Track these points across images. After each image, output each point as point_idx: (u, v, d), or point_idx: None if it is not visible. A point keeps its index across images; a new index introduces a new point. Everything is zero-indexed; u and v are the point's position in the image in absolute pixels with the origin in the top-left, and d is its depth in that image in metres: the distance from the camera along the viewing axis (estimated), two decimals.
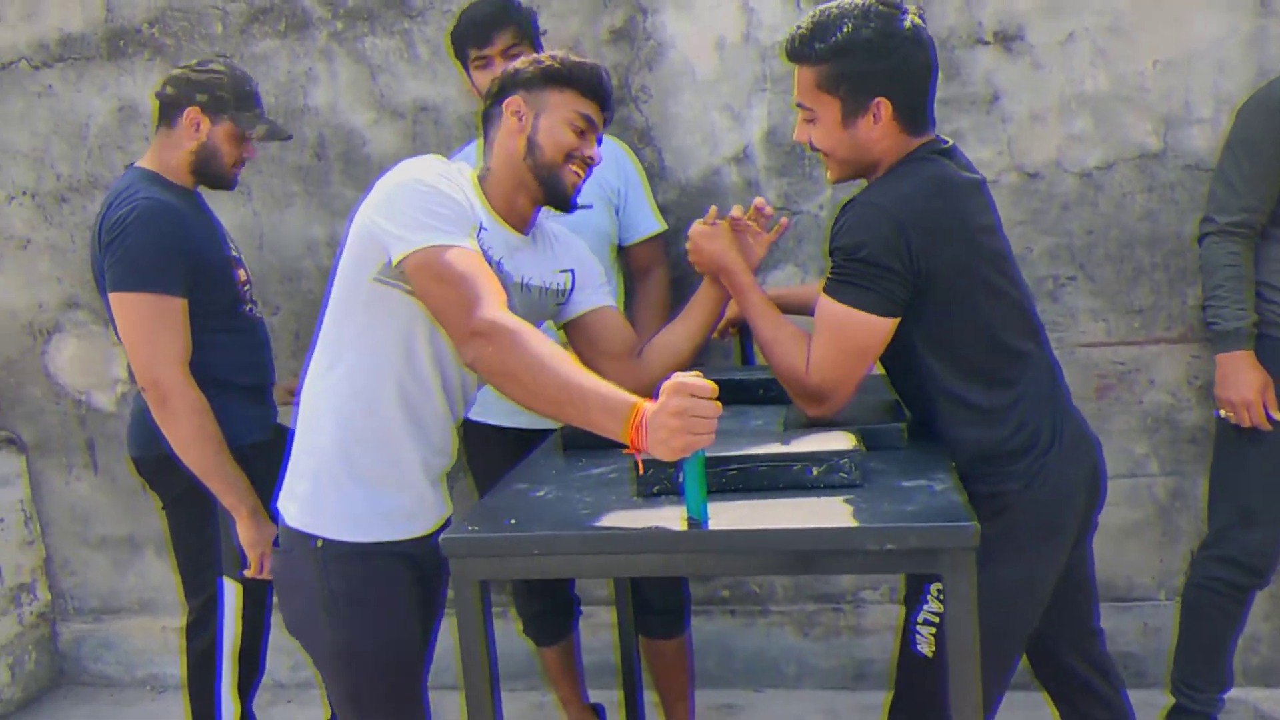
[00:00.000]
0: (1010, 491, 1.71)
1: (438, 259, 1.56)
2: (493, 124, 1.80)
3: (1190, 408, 2.77)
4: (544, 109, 1.75)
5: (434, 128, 2.98)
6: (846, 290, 1.67)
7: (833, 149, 1.75)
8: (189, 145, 2.28)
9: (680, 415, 1.35)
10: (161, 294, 2.13)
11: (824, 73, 1.70)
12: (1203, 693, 2.48)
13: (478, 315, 1.52)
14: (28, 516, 3.34)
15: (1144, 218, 2.71)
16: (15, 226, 3.25)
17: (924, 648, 1.71)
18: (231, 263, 2.31)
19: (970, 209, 1.72)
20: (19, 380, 3.32)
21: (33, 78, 3.16)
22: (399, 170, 1.67)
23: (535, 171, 1.75)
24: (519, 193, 1.78)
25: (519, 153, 1.75)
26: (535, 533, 1.45)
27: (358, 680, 1.72)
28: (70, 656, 3.44)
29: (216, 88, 2.27)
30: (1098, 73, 2.68)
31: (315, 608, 1.70)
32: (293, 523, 1.72)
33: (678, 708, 2.59)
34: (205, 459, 2.15)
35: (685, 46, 2.84)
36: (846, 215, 1.69)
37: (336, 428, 1.68)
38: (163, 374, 2.13)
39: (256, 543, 2.20)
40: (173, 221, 2.17)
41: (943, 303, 1.69)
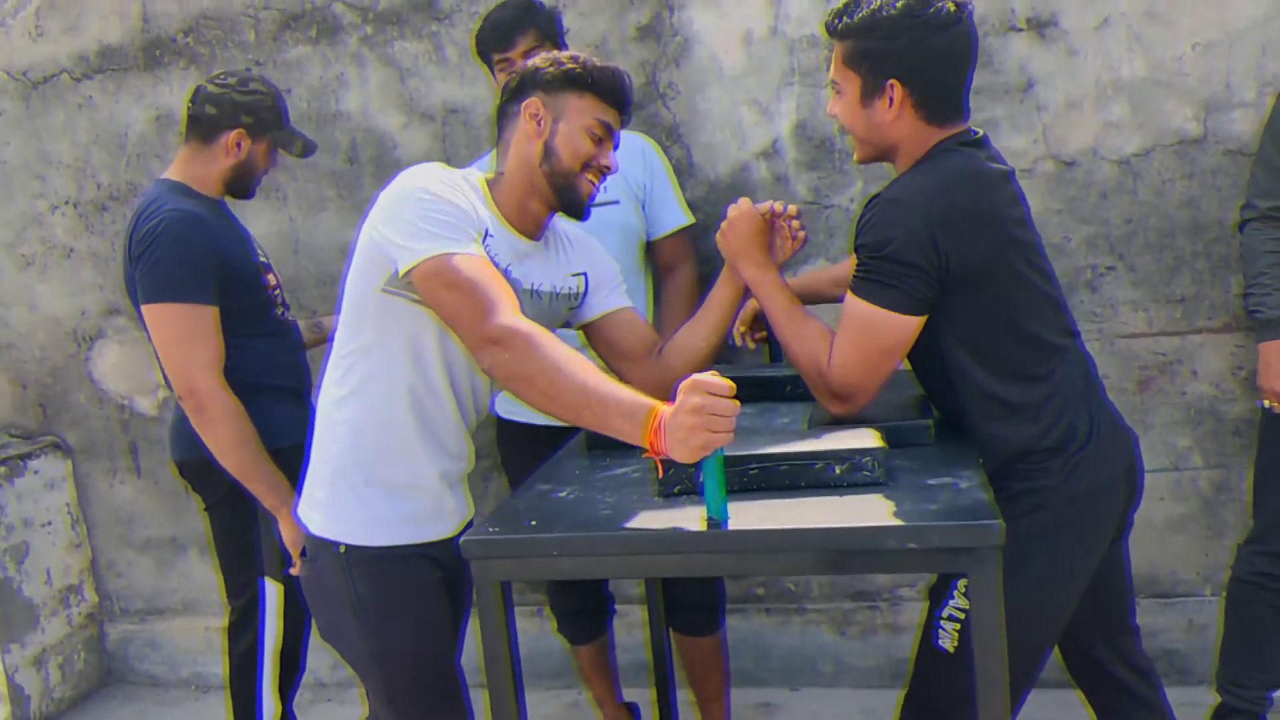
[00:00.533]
0: (1046, 488, 1.68)
1: (446, 267, 1.56)
2: (508, 124, 1.77)
3: (1235, 399, 2.70)
4: (563, 114, 1.72)
5: (463, 129, 2.99)
6: (872, 288, 1.65)
7: (852, 126, 1.74)
8: (227, 163, 2.33)
9: (697, 413, 1.34)
10: (192, 303, 2.17)
11: (849, 48, 1.69)
12: (1250, 690, 2.42)
13: (492, 322, 1.52)
14: (74, 520, 3.42)
15: (1184, 205, 2.65)
16: (58, 235, 3.32)
17: (946, 643, 1.68)
18: (260, 269, 2.34)
19: (1000, 201, 1.68)
20: (64, 386, 3.39)
21: (74, 90, 3.23)
22: (400, 180, 1.67)
23: (550, 179, 1.73)
24: (532, 198, 1.75)
25: (535, 158, 1.73)
26: (554, 534, 1.45)
27: (391, 681, 1.73)
28: (117, 656, 3.51)
29: (261, 110, 2.32)
30: (1134, 57, 2.62)
31: (344, 613, 1.72)
32: (315, 530, 1.73)
33: (713, 706, 2.58)
34: (244, 462, 2.18)
35: (712, 41, 2.82)
36: (872, 211, 1.66)
37: (351, 436, 1.69)
38: (197, 381, 2.16)
39: (297, 541, 2.22)
40: (200, 231, 2.21)
41: (972, 298, 1.66)
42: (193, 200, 2.29)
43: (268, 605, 2.34)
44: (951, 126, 1.72)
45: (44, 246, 3.33)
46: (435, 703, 1.75)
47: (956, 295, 1.65)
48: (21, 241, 3.34)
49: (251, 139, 2.32)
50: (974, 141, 1.73)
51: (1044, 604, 1.69)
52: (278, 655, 2.36)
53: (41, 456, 3.33)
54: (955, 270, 1.63)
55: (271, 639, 2.36)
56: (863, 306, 1.66)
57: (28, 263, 3.35)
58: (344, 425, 1.70)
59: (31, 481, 3.28)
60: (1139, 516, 2.73)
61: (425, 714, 1.75)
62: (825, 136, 2.80)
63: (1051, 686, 2.73)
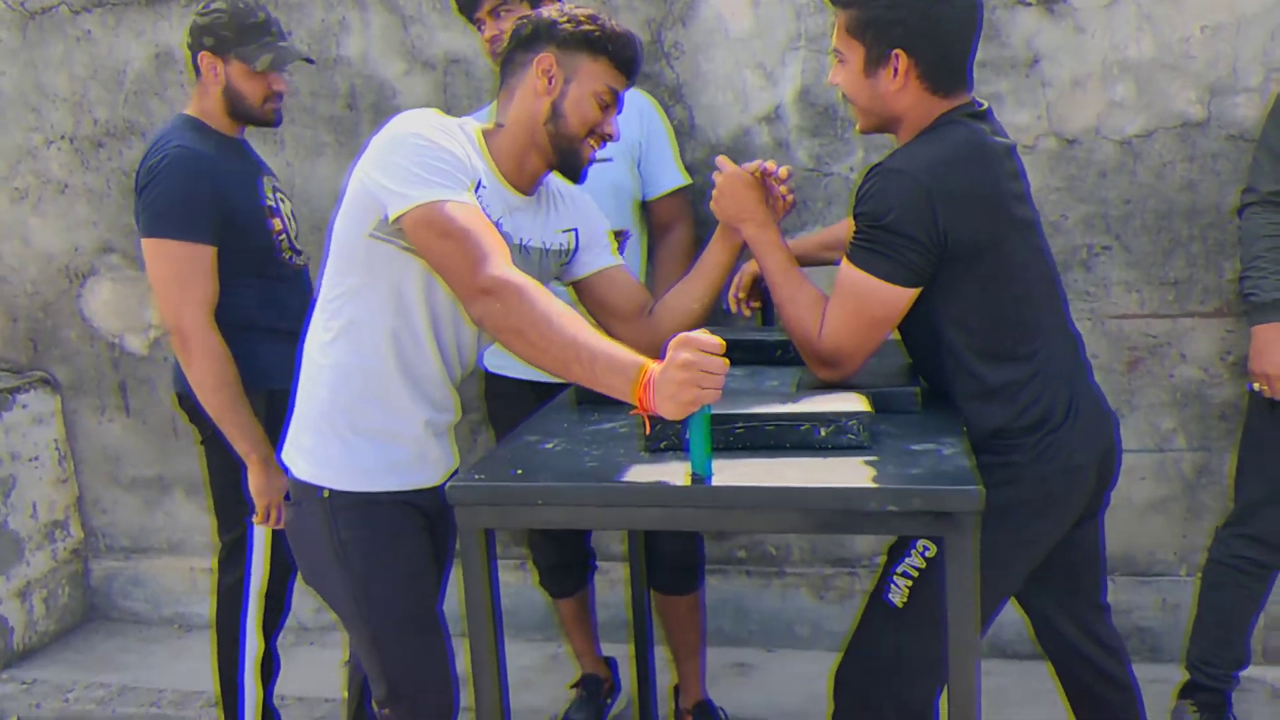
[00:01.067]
0: (1017, 464, 1.70)
1: (439, 214, 1.54)
2: (515, 73, 1.74)
3: (1222, 383, 2.72)
4: (575, 75, 1.70)
5: (465, 79, 2.97)
6: (868, 257, 1.65)
7: (855, 96, 1.73)
8: (214, 91, 2.30)
9: (686, 369, 1.35)
10: (187, 241, 2.16)
11: (852, 17, 1.68)
12: (1219, 669, 2.46)
13: (484, 272, 1.51)
14: (62, 455, 3.42)
15: (1184, 188, 2.65)
16: (53, 170, 3.29)
17: (896, 598, 1.70)
18: (266, 211, 2.32)
19: (1002, 177, 1.68)
20: (55, 322, 3.38)
21: (72, 22, 3.19)
22: (394, 124, 1.64)
23: (554, 139, 1.72)
24: (531, 153, 1.74)
25: (541, 115, 1.71)
26: (540, 483, 1.46)
27: (374, 626, 1.74)
28: (101, 592, 3.53)
29: (220, 28, 2.26)
30: (1142, 38, 2.61)
31: (327, 556, 1.73)
32: (300, 475, 1.74)
33: (688, 664, 2.61)
34: (220, 405, 2.19)
35: (719, 2, 2.80)
36: (872, 180, 1.66)
37: (336, 381, 1.69)
38: (185, 319, 2.17)
39: (264, 491, 2.24)
40: (201, 169, 2.19)
41: (967, 274, 1.66)
42: (203, 136, 2.27)
43: (255, 545, 2.36)
44: (956, 98, 1.71)
45: (38, 181, 3.31)
46: (416, 647, 1.77)
47: (951, 270, 1.65)
48: (15, 175, 3.32)
49: (221, 60, 2.27)
50: (978, 114, 1.72)
51: (996, 574, 1.70)
52: (263, 595, 2.38)
53: (30, 391, 3.33)
54: (952, 244, 1.63)
55: (258, 579, 2.38)
56: (857, 275, 1.66)
57: (21, 196, 3.33)
58: (329, 370, 1.70)
59: (20, 416, 3.28)
60: (1120, 495, 2.78)
61: (407, 658, 1.77)
62: (828, 103, 2.79)
63: (1025, 658, 2.78)
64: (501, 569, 3.01)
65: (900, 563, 1.71)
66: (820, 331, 1.70)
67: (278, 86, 2.32)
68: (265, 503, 2.26)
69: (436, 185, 1.57)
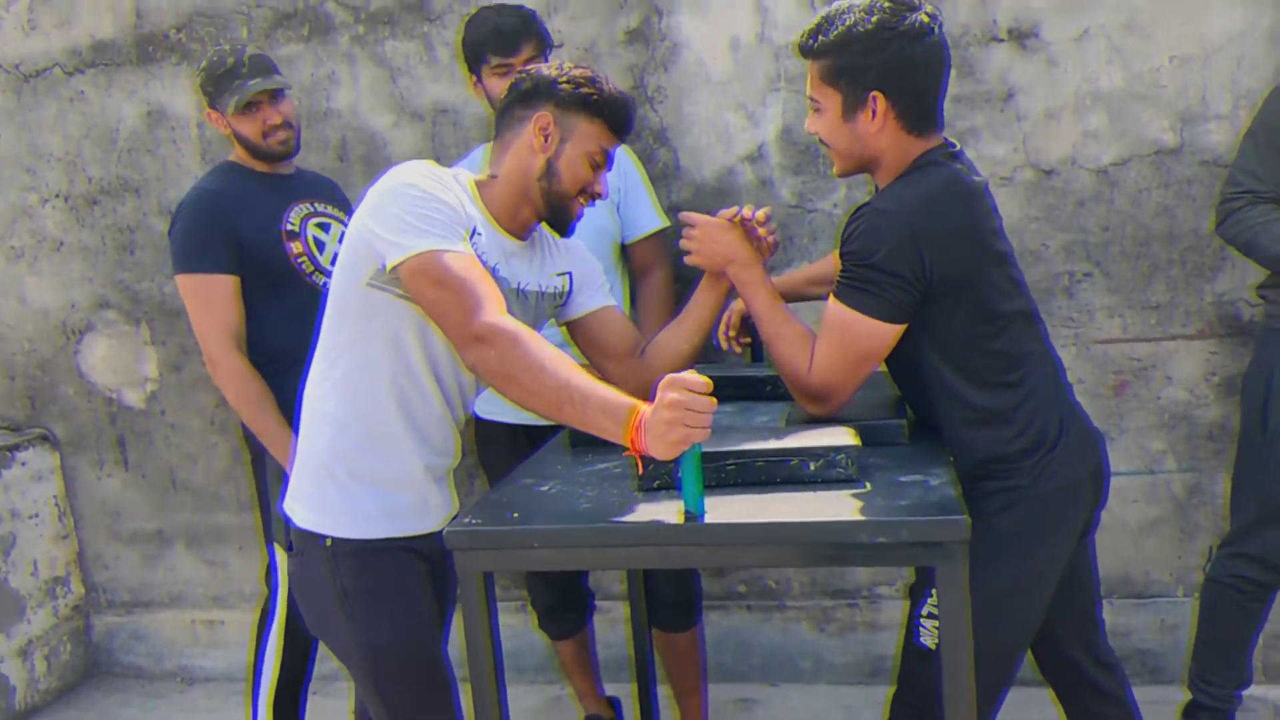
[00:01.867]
0: (1018, 487, 1.73)
1: (434, 264, 1.58)
2: (512, 127, 1.78)
3: (1208, 404, 2.75)
4: (571, 135, 1.74)
5: (453, 130, 3.02)
6: (855, 295, 1.69)
7: (834, 141, 1.78)
8: (228, 134, 2.47)
9: (675, 409, 1.38)
10: (203, 273, 2.34)
11: (826, 66, 1.73)
12: (1220, 689, 2.47)
13: (478, 319, 1.55)
14: (61, 512, 3.43)
15: (1160, 214, 2.70)
16: (49, 228, 3.33)
17: (928, 640, 1.73)
18: (285, 236, 2.42)
19: (980, 214, 1.73)
20: (52, 379, 3.41)
21: (66, 84, 3.25)
22: (390, 176, 1.68)
23: (546, 195, 1.76)
24: (523, 205, 1.78)
25: (536, 171, 1.75)
26: (536, 526, 1.49)
27: (378, 672, 1.75)
28: (103, 648, 3.52)
29: (205, 85, 2.45)
30: (1113, 70, 2.67)
31: (331, 605, 1.74)
32: (301, 523, 1.75)
33: (690, 701, 2.62)
34: (252, 420, 2.35)
35: (700, 47, 2.86)
36: (859, 221, 1.70)
37: (336, 431, 1.72)
38: (209, 345, 2.35)
39: None
40: (213, 206, 2.37)
41: (950, 308, 1.70)
42: (234, 177, 2.44)
43: (280, 572, 2.41)
44: (930, 137, 1.76)
45: (34, 239, 3.35)
46: (422, 693, 1.77)
47: (935, 305, 1.69)
48: (11, 234, 3.36)
49: (216, 110, 2.44)
50: (952, 154, 1.77)
51: (1016, 602, 1.74)
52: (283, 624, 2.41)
53: (29, 448, 3.35)
54: (936, 281, 1.67)
55: (281, 607, 2.42)
56: (845, 312, 1.70)
57: (17, 255, 3.37)
58: (328, 419, 1.73)
59: (19, 473, 3.30)
60: (1113, 518, 2.81)
61: (412, 704, 1.77)
62: (810, 142, 2.85)
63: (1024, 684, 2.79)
64: (502, 611, 3.01)
65: (923, 605, 1.75)
66: (809, 368, 1.73)
67: (270, 120, 2.42)
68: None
69: (432, 235, 1.60)
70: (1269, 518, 2.37)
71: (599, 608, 2.86)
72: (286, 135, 2.43)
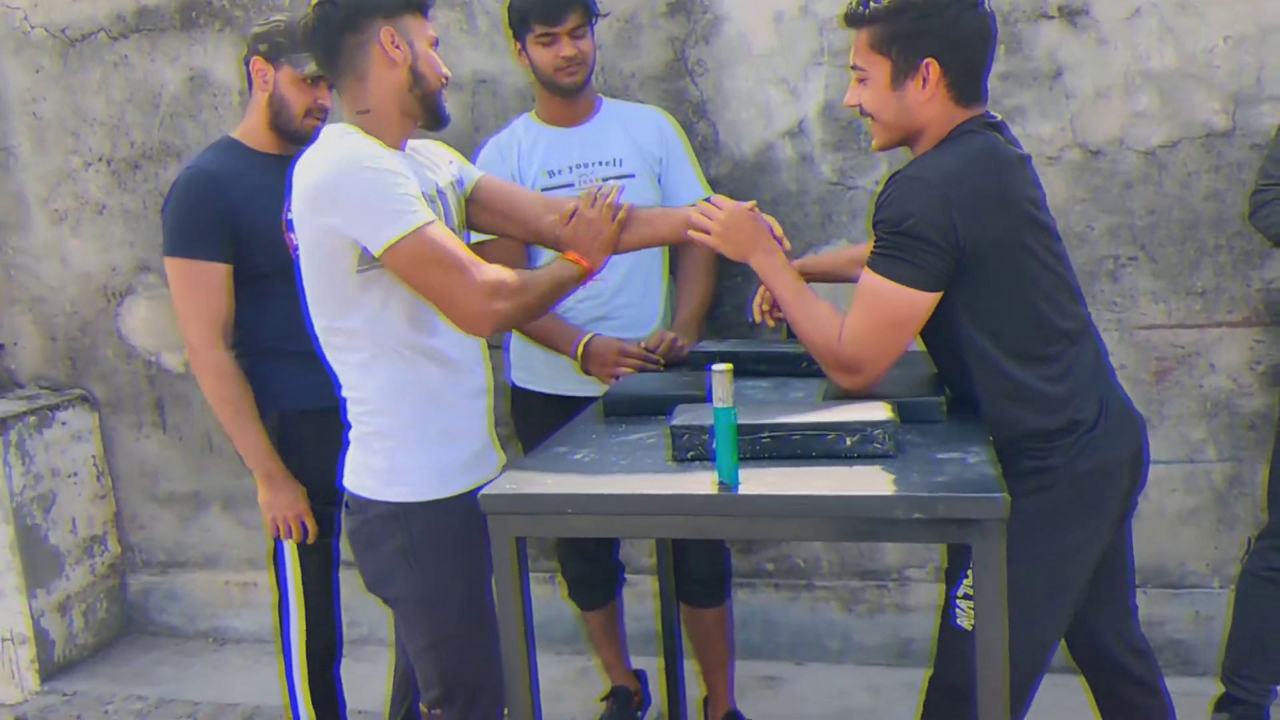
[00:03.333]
0: (1055, 467, 1.71)
1: (423, 242, 1.64)
2: (352, 59, 1.77)
3: (1251, 393, 2.70)
4: (411, 36, 1.78)
5: (491, 99, 3.01)
6: (888, 263, 1.67)
7: (880, 111, 1.76)
8: (261, 99, 2.32)
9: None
10: (193, 259, 2.22)
11: (877, 33, 1.71)
12: (1255, 682, 2.44)
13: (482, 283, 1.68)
14: (100, 472, 3.49)
15: (1209, 198, 2.65)
16: (91, 192, 3.37)
17: (964, 621, 1.72)
18: (284, 226, 2.31)
19: (1018, 183, 1.71)
20: (93, 340, 3.45)
21: (110, 48, 3.27)
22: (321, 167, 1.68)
23: (422, 100, 1.80)
24: (404, 121, 1.80)
25: (404, 84, 1.77)
26: (569, 492, 1.49)
27: (439, 627, 1.79)
28: (138, 606, 3.58)
29: (275, 34, 2.30)
30: (1165, 49, 2.61)
31: (395, 560, 1.77)
32: (368, 494, 1.79)
33: (716, 676, 2.62)
34: (226, 418, 2.26)
35: (742, 20, 2.83)
36: (892, 188, 1.69)
37: (388, 405, 1.76)
38: (191, 334, 2.25)
39: (271, 505, 2.29)
40: (210, 189, 2.24)
41: (986, 277, 1.68)
42: (233, 156, 2.31)
43: (286, 562, 2.38)
44: (974, 106, 1.75)
45: (77, 202, 3.38)
46: (478, 650, 1.81)
47: (971, 274, 1.67)
48: (55, 196, 3.40)
49: (272, 65, 2.29)
50: (993, 124, 1.76)
51: (1052, 582, 1.72)
52: (303, 611, 2.40)
53: (69, 408, 3.40)
54: (971, 249, 1.65)
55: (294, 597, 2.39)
56: (878, 281, 1.69)
57: (61, 218, 3.41)
58: (375, 397, 1.76)
59: (59, 433, 3.35)
60: (1151, 507, 2.77)
61: (466, 661, 1.81)
62: (852, 118, 2.81)
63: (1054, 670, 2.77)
64: (532, 582, 3.03)
65: (959, 585, 1.74)
66: (841, 337, 1.72)
67: (323, 100, 2.32)
68: (270, 517, 2.30)
69: (408, 213, 1.64)
70: None
71: (628, 581, 2.86)
72: (319, 122, 2.35)
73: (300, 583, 2.39)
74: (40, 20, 3.30)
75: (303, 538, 2.32)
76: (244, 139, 2.36)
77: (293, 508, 2.29)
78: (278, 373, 2.31)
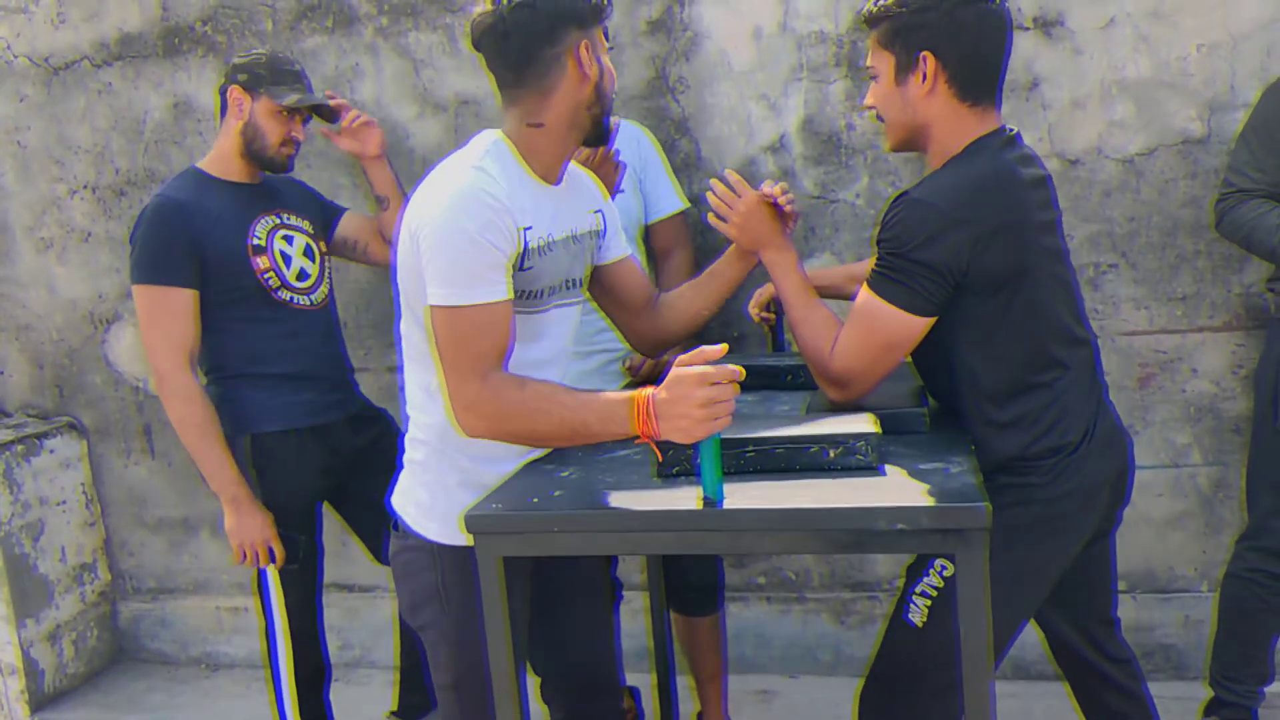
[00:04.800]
0: (1033, 485, 1.71)
1: (454, 322, 1.57)
2: (544, 71, 1.64)
3: (1234, 397, 2.72)
4: (597, 49, 1.67)
5: (475, 120, 3.03)
6: (887, 285, 1.67)
7: (886, 108, 1.76)
8: (235, 127, 2.36)
9: (706, 405, 1.40)
10: (160, 285, 2.24)
11: (884, 30, 1.72)
12: (1242, 684, 2.45)
13: (468, 388, 1.56)
14: (89, 499, 3.48)
15: (1187, 204, 2.67)
16: (77, 220, 3.37)
17: (915, 617, 1.72)
18: (250, 250, 2.33)
19: (1028, 208, 1.68)
20: (80, 368, 3.45)
21: (94, 76, 3.28)
22: (438, 201, 1.59)
23: (594, 118, 1.69)
24: (570, 143, 1.70)
25: (586, 100, 1.66)
26: (555, 511, 1.49)
27: (463, 672, 1.76)
28: (129, 634, 3.57)
29: (255, 66, 2.35)
30: (1140, 58, 2.65)
31: (430, 599, 1.76)
32: (413, 525, 1.77)
33: (710, 688, 2.63)
34: (192, 443, 2.28)
35: (722, 37, 2.86)
36: (899, 209, 1.67)
37: (439, 440, 1.72)
38: (158, 361, 2.25)
39: (237, 531, 2.29)
40: (177, 217, 2.27)
41: (987, 304, 1.67)
42: (197, 185, 2.34)
43: (271, 593, 2.38)
44: (984, 109, 1.72)
45: (62, 230, 3.39)
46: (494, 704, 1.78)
47: (972, 299, 1.67)
48: (41, 225, 3.40)
49: (250, 95, 2.33)
50: (1008, 140, 1.73)
51: (1014, 594, 1.72)
52: (289, 636, 2.39)
53: (57, 436, 3.39)
54: (974, 276, 1.64)
55: (279, 622, 2.39)
56: (874, 300, 1.69)
57: (46, 245, 3.41)
58: (431, 428, 1.73)
59: (47, 460, 3.34)
60: (1137, 512, 2.79)
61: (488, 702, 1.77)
62: (832, 132, 2.84)
63: (1048, 679, 2.77)
64: None
65: (919, 582, 1.73)
66: (832, 352, 1.72)
67: (296, 134, 2.38)
68: (236, 543, 2.30)
69: (466, 288, 1.56)
70: None
71: (623, 599, 2.86)
72: (293, 154, 2.41)
73: (284, 608, 2.38)
74: (23, 49, 3.32)
75: (270, 562, 2.32)
76: (210, 168, 2.39)
77: (260, 533, 2.29)
78: (248, 396, 2.32)
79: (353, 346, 2.54)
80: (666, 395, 1.42)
